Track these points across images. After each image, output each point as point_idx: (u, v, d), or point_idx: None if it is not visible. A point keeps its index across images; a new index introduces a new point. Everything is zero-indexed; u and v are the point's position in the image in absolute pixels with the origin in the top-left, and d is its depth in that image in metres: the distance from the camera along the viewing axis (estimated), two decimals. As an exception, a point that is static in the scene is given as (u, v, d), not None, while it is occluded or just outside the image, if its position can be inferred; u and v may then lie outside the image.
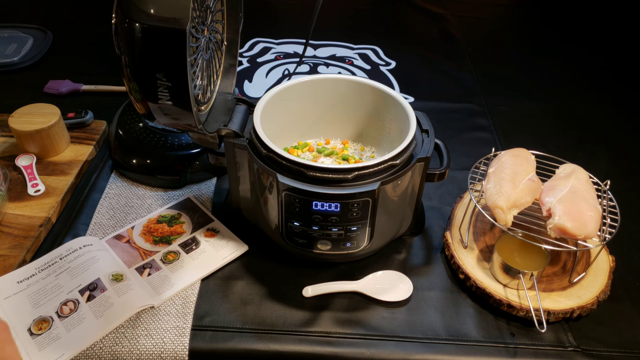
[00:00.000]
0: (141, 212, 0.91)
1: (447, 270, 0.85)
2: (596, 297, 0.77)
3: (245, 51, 1.40)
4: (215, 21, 0.79)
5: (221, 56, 0.86)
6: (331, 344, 0.74)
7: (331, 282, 0.81)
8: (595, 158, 1.10)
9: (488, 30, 1.60)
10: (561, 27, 1.61)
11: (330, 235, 0.76)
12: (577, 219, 0.75)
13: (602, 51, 1.49)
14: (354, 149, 0.95)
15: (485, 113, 1.21)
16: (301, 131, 0.94)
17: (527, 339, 0.75)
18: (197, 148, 0.96)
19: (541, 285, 0.79)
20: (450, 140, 1.11)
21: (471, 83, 1.32)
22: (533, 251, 0.79)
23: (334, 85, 0.89)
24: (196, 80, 0.73)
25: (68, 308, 0.75)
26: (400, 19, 1.62)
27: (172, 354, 0.72)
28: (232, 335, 0.74)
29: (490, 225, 0.89)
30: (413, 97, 1.25)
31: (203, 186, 0.97)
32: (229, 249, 0.85)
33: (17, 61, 1.27)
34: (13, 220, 0.87)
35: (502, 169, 0.83)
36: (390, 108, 0.87)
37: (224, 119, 0.79)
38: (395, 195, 0.77)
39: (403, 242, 0.89)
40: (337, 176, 0.71)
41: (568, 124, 1.20)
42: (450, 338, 0.75)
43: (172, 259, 0.83)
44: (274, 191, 0.75)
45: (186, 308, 0.77)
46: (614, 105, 1.27)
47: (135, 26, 0.60)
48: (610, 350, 0.74)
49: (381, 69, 1.36)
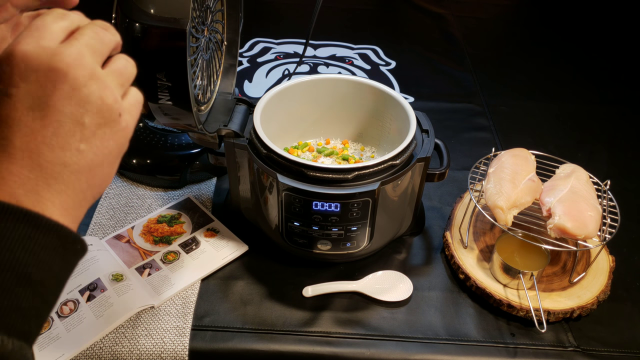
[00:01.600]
0: (141, 212, 0.91)
1: (447, 270, 0.85)
2: (596, 297, 0.77)
3: (245, 51, 1.40)
4: (215, 21, 0.79)
5: (221, 56, 0.86)
6: (331, 344, 0.74)
7: (331, 282, 0.81)
8: (595, 158, 1.10)
9: (488, 30, 1.60)
10: (561, 27, 1.61)
11: (330, 235, 0.76)
12: (577, 219, 0.75)
13: (602, 51, 1.49)
14: (354, 149, 0.95)
15: (485, 113, 1.21)
16: (301, 131, 0.94)
17: (527, 339, 0.75)
18: (197, 148, 0.96)
19: (541, 285, 0.79)
20: (450, 140, 1.11)
21: (471, 83, 1.32)
22: (533, 251, 0.79)
23: (334, 85, 0.89)
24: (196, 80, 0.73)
25: (68, 308, 0.75)
26: (400, 19, 1.62)
27: (172, 354, 0.72)
28: (232, 335, 0.74)
29: (490, 225, 0.89)
30: (413, 97, 1.25)
31: (203, 186, 0.97)
32: (229, 249, 0.85)
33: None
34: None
35: (502, 169, 0.83)
36: (390, 108, 0.87)
37: (224, 119, 0.79)
38: (395, 195, 0.77)
39: (403, 242, 0.89)
40: (337, 176, 0.71)
41: (568, 124, 1.20)
42: (450, 338, 0.75)
43: (172, 259, 0.83)
44: (274, 191, 0.75)
45: (186, 308, 0.77)
46: (614, 105, 1.27)
47: (135, 26, 0.59)
48: (610, 350, 0.74)
49: (381, 69, 1.36)
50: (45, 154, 0.34)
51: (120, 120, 0.38)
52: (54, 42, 0.35)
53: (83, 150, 0.36)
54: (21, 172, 0.34)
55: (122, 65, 0.39)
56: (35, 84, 0.34)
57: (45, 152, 0.34)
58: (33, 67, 0.34)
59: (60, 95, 0.34)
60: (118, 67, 0.39)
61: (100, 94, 0.36)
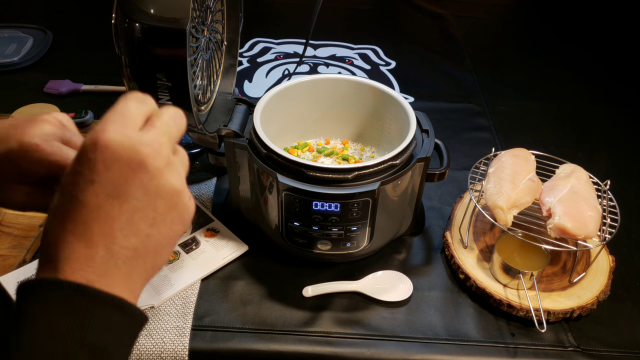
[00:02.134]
0: (141, 212, 0.91)
1: (447, 270, 0.85)
2: (596, 297, 0.77)
3: (245, 51, 1.40)
4: (215, 21, 0.79)
5: (221, 56, 0.86)
6: (331, 344, 0.74)
7: (331, 282, 0.81)
8: (595, 158, 1.10)
9: (488, 30, 1.60)
10: (561, 27, 1.61)
11: (330, 235, 0.76)
12: (577, 219, 0.75)
13: (602, 51, 1.49)
14: (354, 149, 0.95)
15: (485, 113, 1.21)
16: (301, 131, 0.94)
17: (527, 339, 0.75)
18: (197, 148, 0.96)
19: (541, 285, 0.79)
20: (450, 140, 1.11)
21: (471, 83, 1.32)
22: (533, 251, 0.79)
23: (334, 85, 0.89)
24: (196, 80, 0.73)
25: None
26: (400, 19, 1.62)
27: (172, 354, 0.72)
28: (232, 335, 0.74)
29: (490, 225, 0.89)
30: (413, 97, 1.25)
31: (203, 186, 0.97)
32: (229, 249, 0.85)
33: (17, 61, 1.27)
34: (13, 220, 0.87)
35: (502, 169, 0.83)
36: (390, 108, 0.87)
37: (224, 119, 0.79)
38: (395, 195, 0.77)
39: (403, 242, 0.89)
40: (337, 176, 0.71)
41: (568, 124, 1.20)
42: (450, 338, 0.75)
43: (172, 259, 0.83)
44: (274, 191, 0.75)
45: (186, 308, 0.77)
46: (614, 105, 1.27)
47: (135, 26, 0.60)
48: (610, 350, 0.74)
49: (381, 69, 1.36)
50: (119, 240, 0.36)
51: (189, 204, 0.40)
52: (136, 130, 0.37)
53: (152, 234, 0.37)
54: (95, 257, 0.35)
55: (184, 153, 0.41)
56: (117, 173, 0.35)
57: (119, 238, 0.36)
58: (117, 156, 0.35)
59: (139, 184, 0.36)
60: (183, 153, 0.41)
61: (173, 182, 0.38)
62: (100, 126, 0.36)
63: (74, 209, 0.35)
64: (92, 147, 0.35)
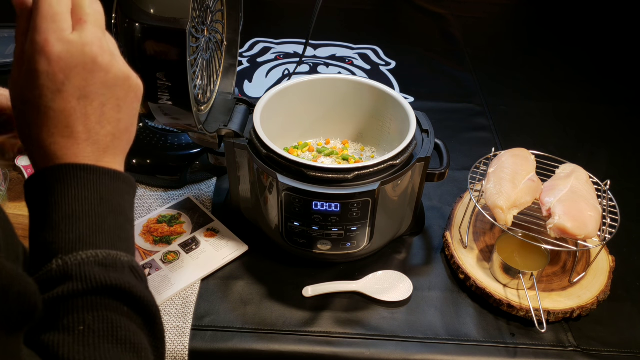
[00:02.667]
0: (141, 212, 0.91)
1: (447, 270, 0.85)
2: (596, 297, 0.77)
3: (245, 51, 1.40)
4: (215, 21, 0.79)
5: (221, 56, 0.86)
6: (331, 344, 0.74)
7: (331, 282, 0.81)
8: (595, 158, 1.10)
9: (488, 30, 1.60)
10: (561, 26, 1.61)
11: (330, 235, 0.76)
12: (577, 219, 0.75)
13: (602, 51, 1.49)
14: (354, 149, 0.95)
15: (485, 113, 1.21)
16: (301, 131, 0.94)
17: (527, 339, 0.75)
18: (197, 148, 0.96)
19: (541, 285, 0.79)
20: (450, 140, 1.11)
21: (471, 83, 1.32)
22: (533, 251, 0.79)
23: (334, 85, 0.89)
24: (196, 80, 0.73)
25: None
26: (400, 19, 1.62)
27: (172, 354, 0.72)
28: (232, 335, 0.74)
29: (490, 225, 0.89)
30: (413, 97, 1.25)
31: (203, 186, 0.97)
32: (229, 249, 0.85)
33: (17, 61, 1.27)
34: (13, 220, 0.85)
35: (502, 169, 0.83)
36: (390, 108, 0.87)
37: (224, 119, 0.79)
38: (395, 195, 0.77)
39: (403, 242, 0.89)
40: (337, 176, 0.71)
41: (568, 124, 1.20)
42: (450, 338, 0.75)
43: (172, 259, 0.83)
44: (274, 191, 0.75)
45: (186, 308, 0.77)
46: (614, 105, 1.27)
47: (135, 26, 0.59)
48: (610, 350, 0.74)
49: (381, 69, 1.36)
50: (98, 132, 0.43)
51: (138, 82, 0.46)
52: (70, 30, 0.41)
53: (121, 118, 0.44)
54: (86, 150, 0.42)
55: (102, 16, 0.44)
56: (77, 78, 0.41)
57: (98, 130, 0.43)
58: (71, 64, 0.40)
59: (100, 82, 0.42)
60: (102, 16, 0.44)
61: (122, 69, 0.44)
62: (39, 37, 0.39)
63: (54, 116, 0.41)
64: (45, 61, 0.39)
